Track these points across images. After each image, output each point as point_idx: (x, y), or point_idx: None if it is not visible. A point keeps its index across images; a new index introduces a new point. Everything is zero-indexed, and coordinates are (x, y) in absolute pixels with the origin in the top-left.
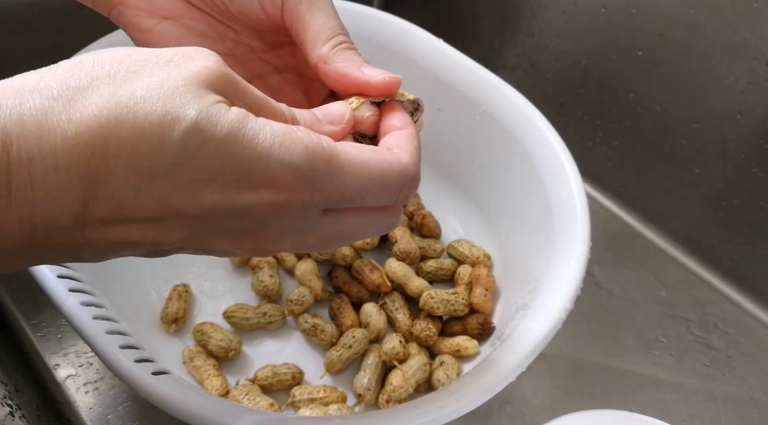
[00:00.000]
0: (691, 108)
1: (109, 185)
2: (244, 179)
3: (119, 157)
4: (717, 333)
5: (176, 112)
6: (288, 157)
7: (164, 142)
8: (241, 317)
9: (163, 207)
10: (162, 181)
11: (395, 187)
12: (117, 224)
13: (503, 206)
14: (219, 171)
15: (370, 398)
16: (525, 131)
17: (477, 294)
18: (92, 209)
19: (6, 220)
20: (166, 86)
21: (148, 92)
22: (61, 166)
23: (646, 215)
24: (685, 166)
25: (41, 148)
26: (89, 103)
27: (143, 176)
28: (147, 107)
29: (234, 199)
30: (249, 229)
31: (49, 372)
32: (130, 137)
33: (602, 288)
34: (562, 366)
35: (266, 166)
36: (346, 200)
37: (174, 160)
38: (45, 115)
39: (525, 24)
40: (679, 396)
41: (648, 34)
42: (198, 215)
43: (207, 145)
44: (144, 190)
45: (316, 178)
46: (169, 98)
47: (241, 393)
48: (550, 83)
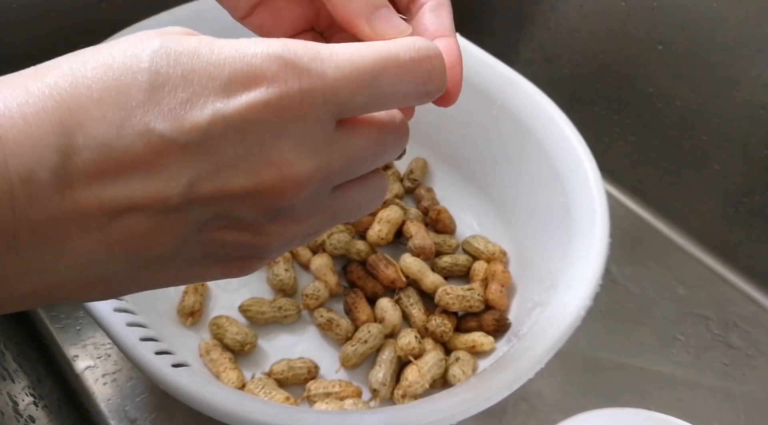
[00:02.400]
0: (712, 103)
1: (86, 126)
2: (228, 83)
3: (90, 96)
4: (736, 332)
5: (139, 42)
6: (266, 45)
7: (133, 69)
8: (257, 311)
9: (153, 141)
10: (142, 110)
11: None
12: (109, 177)
13: (519, 202)
14: (199, 83)
15: (386, 393)
16: (542, 126)
17: (493, 291)
18: (74, 158)
19: None
20: (130, 38)
21: (111, 45)
22: (29, 114)
23: (663, 212)
24: (705, 161)
25: (6, 102)
26: (53, 63)
27: (120, 108)
28: (108, 52)
29: (226, 109)
30: (260, 151)
31: (68, 363)
32: (96, 74)
33: (619, 286)
34: (577, 364)
35: (247, 63)
36: (360, 88)
37: (148, 85)
38: (10, 78)
39: (542, 18)
40: (697, 395)
41: (669, 28)
42: (195, 142)
43: (179, 61)
44: (126, 124)
45: (306, 62)
46: (129, 40)
47: (257, 387)
48: (567, 78)
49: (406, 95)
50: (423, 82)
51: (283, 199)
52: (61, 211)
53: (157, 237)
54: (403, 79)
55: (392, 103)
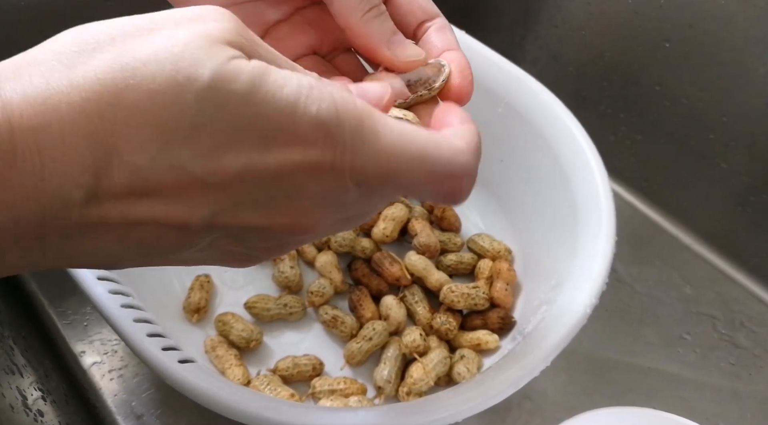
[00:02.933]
0: (720, 101)
1: (121, 153)
2: (270, 138)
3: (130, 122)
4: (743, 332)
5: (188, 71)
6: (315, 110)
7: (179, 105)
8: (262, 308)
9: (183, 176)
10: (180, 147)
11: (442, 173)
12: (135, 198)
13: (525, 200)
14: (242, 131)
15: (390, 390)
16: (548, 124)
17: (498, 289)
18: (106, 181)
19: (12, 191)
20: (173, 45)
21: (154, 53)
22: (67, 133)
23: (670, 210)
24: (712, 160)
25: (45, 116)
26: (91, 66)
27: (158, 141)
28: (154, 68)
29: (261, 162)
30: (281, 199)
31: (74, 359)
32: (139, 101)
33: (625, 285)
34: (583, 363)
35: (293, 122)
36: (380, 176)
37: (192, 123)
38: (46, 82)
39: (548, 15)
40: (703, 394)
41: (676, 26)
42: (223, 184)
43: (227, 105)
44: (160, 157)
45: (345, 136)
46: (178, 57)
47: (263, 383)
48: (573, 76)
49: (427, 196)
50: (445, 195)
51: (291, 236)
52: (87, 220)
53: (170, 242)
54: (429, 187)
55: (412, 194)
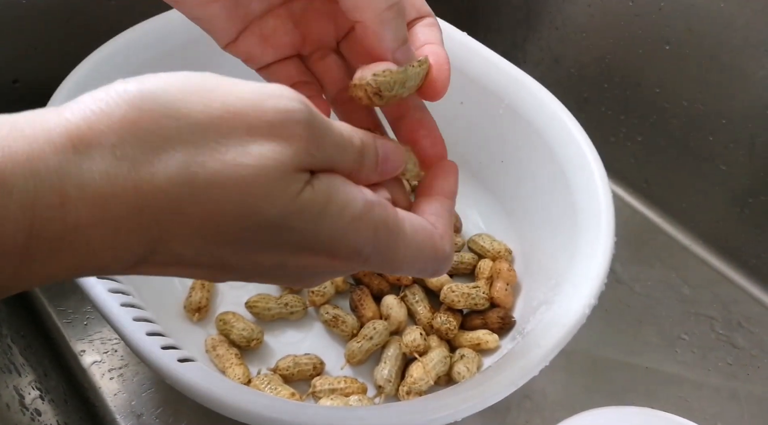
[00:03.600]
0: (720, 103)
1: (169, 244)
2: (307, 247)
3: (184, 226)
4: (741, 332)
5: (257, 205)
6: (360, 240)
7: (238, 227)
8: (263, 307)
9: (220, 262)
10: (224, 249)
11: (431, 269)
12: (168, 267)
13: (525, 200)
14: (288, 244)
15: (391, 390)
16: (549, 125)
17: (498, 289)
18: (147, 259)
19: (53, 271)
20: (248, 170)
21: (227, 175)
22: (122, 230)
23: (669, 212)
24: (712, 162)
25: (103, 215)
26: (158, 171)
27: (206, 243)
28: (223, 194)
29: (293, 261)
30: (295, 278)
31: (74, 358)
32: (200, 214)
33: (624, 285)
34: (582, 363)
35: (335, 246)
36: (384, 270)
37: (242, 237)
38: (108, 182)
39: (549, 17)
40: (702, 394)
41: (676, 29)
42: (249, 269)
43: (281, 231)
44: (204, 252)
45: (372, 257)
46: (250, 188)
47: (263, 383)
48: (574, 78)
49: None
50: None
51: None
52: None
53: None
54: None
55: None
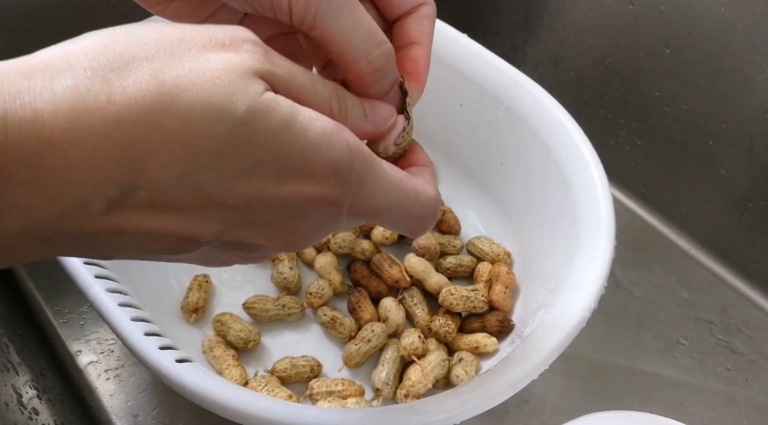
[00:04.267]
0: (719, 107)
1: (149, 171)
2: (287, 172)
3: (162, 144)
4: (740, 337)
5: (223, 104)
6: (333, 154)
7: (210, 134)
8: (261, 308)
9: (202, 196)
10: (205, 171)
11: (417, 216)
12: (152, 212)
13: (524, 203)
14: (264, 163)
15: (388, 392)
16: (548, 128)
17: (497, 292)
18: (129, 195)
19: (34, 197)
20: (210, 72)
21: (191, 78)
22: (100, 147)
23: (668, 215)
24: (711, 166)
25: (78, 130)
26: (129, 84)
27: (186, 165)
28: (191, 96)
29: (275, 190)
30: (283, 221)
31: (71, 358)
32: (174, 125)
33: (623, 289)
34: (580, 367)
35: (311, 162)
36: (369, 213)
37: (219, 152)
38: (81, 95)
39: (549, 20)
40: (700, 399)
41: (676, 32)
42: (237, 206)
43: (255, 139)
44: (185, 179)
45: (352, 179)
46: (215, 87)
47: (260, 384)
48: (573, 81)
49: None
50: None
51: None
52: (102, 228)
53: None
54: (402, 225)
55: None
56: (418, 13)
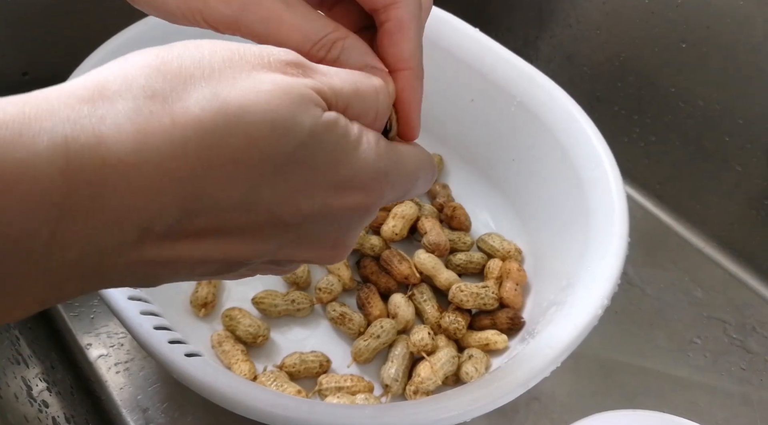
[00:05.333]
0: (736, 103)
1: (214, 191)
2: (342, 185)
3: (228, 164)
4: (755, 337)
5: (289, 123)
6: (382, 164)
7: (278, 152)
8: (270, 303)
9: (262, 216)
10: (268, 189)
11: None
12: (210, 238)
13: (536, 200)
14: (322, 179)
15: (397, 389)
16: (562, 123)
17: (507, 289)
18: (191, 220)
19: (96, 227)
20: (269, 93)
21: (253, 98)
22: (165, 169)
23: (682, 213)
24: (727, 163)
25: (143, 153)
26: (191, 104)
27: (250, 184)
28: (257, 116)
29: (330, 203)
30: (335, 235)
31: (81, 351)
32: (240, 144)
33: (635, 287)
34: (592, 365)
35: (362, 174)
36: (406, 185)
37: (283, 169)
38: (144, 117)
39: (562, 15)
40: (714, 399)
41: (693, 27)
42: (295, 223)
43: (316, 156)
44: (247, 198)
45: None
46: (279, 106)
47: (269, 379)
48: (587, 76)
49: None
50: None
51: (326, 263)
52: (158, 257)
53: (217, 272)
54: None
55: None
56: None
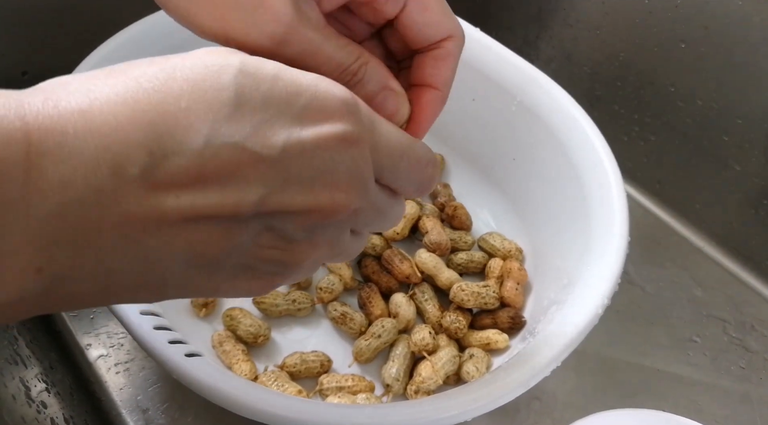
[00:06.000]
0: (735, 103)
1: (174, 133)
2: (303, 114)
3: (178, 106)
4: (754, 335)
5: (220, 62)
6: (337, 90)
7: (219, 88)
8: (271, 303)
9: (236, 153)
10: (228, 124)
11: (425, 160)
12: (190, 186)
13: (537, 199)
14: (279, 108)
15: (398, 388)
16: (562, 123)
17: (508, 288)
18: (162, 162)
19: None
20: (201, 53)
21: (185, 58)
22: (120, 114)
23: (682, 212)
24: (726, 162)
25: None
26: (130, 75)
27: (207, 121)
28: (189, 64)
29: (300, 134)
30: (320, 173)
31: (81, 351)
32: (184, 87)
33: (635, 286)
34: (592, 364)
35: (319, 100)
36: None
37: (233, 103)
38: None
39: (562, 14)
40: (713, 397)
41: (692, 26)
42: (272, 157)
43: (260, 85)
44: (212, 135)
45: (363, 116)
46: (208, 52)
47: (270, 379)
48: (586, 76)
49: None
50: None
51: (325, 218)
52: (143, 211)
53: (217, 242)
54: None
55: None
56: (439, 51)
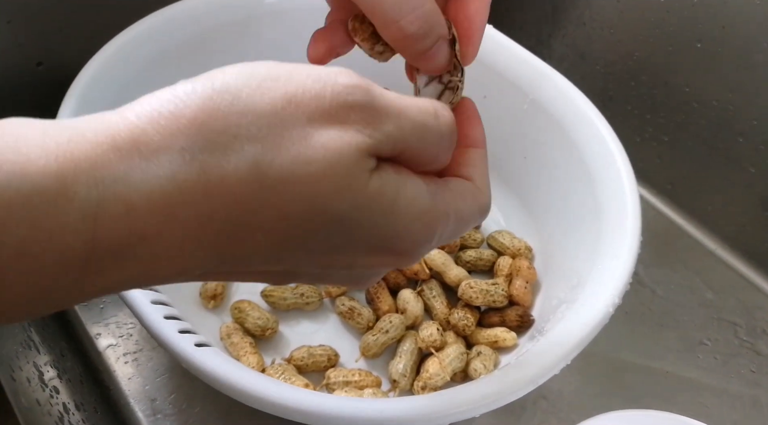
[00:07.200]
0: (751, 104)
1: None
2: (378, 248)
3: (254, 234)
4: (765, 339)
5: (325, 205)
6: (421, 236)
7: (308, 228)
8: (279, 297)
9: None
10: (292, 255)
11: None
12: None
13: (547, 198)
14: (356, 240)
15: (405, 384)
16: (574, 122)
17: (517, 286)
18: (214, 271)
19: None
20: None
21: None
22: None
23: (694, 214)
24: (740, 164)
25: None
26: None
27: (274, 251)
28: (293, 194)
29: (359, 261)
30: (356, 279)
31: (90, 341)
32: (271, 216)
33: (645, 287)
34: (600, 364)
35: (402, 244)
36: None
37: (312, 238)
38: (177, 187)
39: (576, 13)
40: (723, 401)
41: (709, 26)
42: (315, 273)
43: (353, 231)
44: (272, 258)
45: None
46: (319, 184)
47: (277, 372)
48: (600, 75)
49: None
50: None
51: None
52: None
53: None
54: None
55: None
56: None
